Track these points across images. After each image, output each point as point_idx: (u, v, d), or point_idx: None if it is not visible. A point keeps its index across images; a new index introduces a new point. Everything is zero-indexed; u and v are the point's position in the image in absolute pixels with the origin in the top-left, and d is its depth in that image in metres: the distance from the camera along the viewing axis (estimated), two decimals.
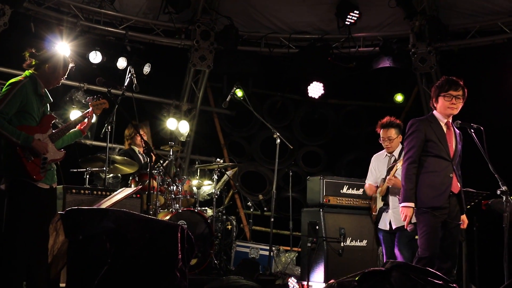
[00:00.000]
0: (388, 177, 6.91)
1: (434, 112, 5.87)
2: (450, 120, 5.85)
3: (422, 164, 5.77)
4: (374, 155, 7.54)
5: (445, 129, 5.80)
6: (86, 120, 5.80)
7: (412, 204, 5.69)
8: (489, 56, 10.00)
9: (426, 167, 5.74)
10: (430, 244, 5.60)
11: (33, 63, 5.44)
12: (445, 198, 5.65)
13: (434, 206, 5.63)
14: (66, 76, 5.67)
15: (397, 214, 6.45)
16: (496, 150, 6.27)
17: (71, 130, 5.72)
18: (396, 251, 6.89)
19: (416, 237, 6.21)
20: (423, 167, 5.76)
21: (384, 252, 7.16)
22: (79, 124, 5.79)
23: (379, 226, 7.22)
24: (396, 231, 6.92)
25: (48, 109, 5.60)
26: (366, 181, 7.55)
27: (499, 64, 9.69)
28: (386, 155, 7.30)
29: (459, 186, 5.76)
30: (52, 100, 5.59)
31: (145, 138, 8.97)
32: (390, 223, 7.00)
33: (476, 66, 9.92)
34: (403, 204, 5.73)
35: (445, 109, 5.77)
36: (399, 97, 11.13)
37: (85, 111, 5.88)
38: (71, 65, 5.65)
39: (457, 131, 5.92)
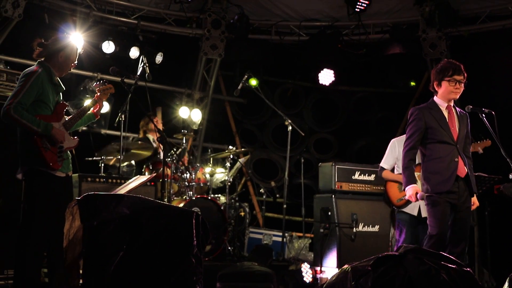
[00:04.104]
0: None
1: (435, 98, 5.86)
2: (452, 104, 5.85)
3: (426, 152, 5.79)
4: (395, 139, 7.11)
5: (446, 114, 5.79)
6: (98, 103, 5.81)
7: (415, 185, 5.73)
8: (500, 40, 9.97)
9: (431, 154, 5.76)
10: (439, 221, 5.62)
11: (45, 52, 5.45)
12: (452, 183, 5.64)
13: (441, 192, 5.64)
14: (76, 63, 5.67)
15: None
16: (508, 135, 6.30)
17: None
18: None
19: None
20: (428, 154, 5.78)
21: (404, 235, 6.94)
22: (92, 108, 5.79)
23: (405, 210, 6.91)
24: (423, 219, 6.82)
25: (61, 98, 5.62)
26: (382, 165, 7.15)
27: (510, 49, 9.67)
28: None
29: (466, 169, 5.73)
30: (64, 89, 5.61)
31: (159, 126, 9.09)
32: (419, 210, 6.92)
33: (486, 51, 9.91)
34: (406, 188, 5.76)
35: (449, 94, 5.75)
36: (412, 83, 11.12)
37: (95, 96, 5.86)
38: (79, 50, 5.67)
39: (461, 113, 5.89)
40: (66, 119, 5.57)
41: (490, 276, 8.14)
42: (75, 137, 5.63)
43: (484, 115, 5.85)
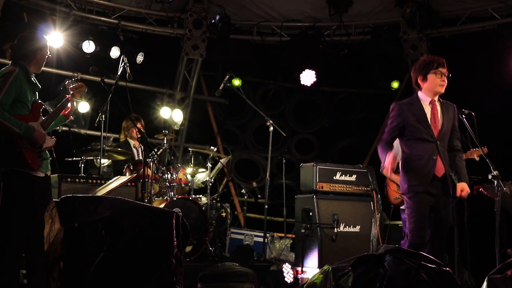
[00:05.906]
0: None
1: (419, 93, 5.76)
2: (436, 98, 5.75)
3: (405, 149, 5.72)
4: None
5: (429, 109, 5.69)
6: (69, 105, 5.74)
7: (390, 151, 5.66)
8: (480, 42, 10.06)
9: (409, 152, 5.69)
10: (419, 230, 5.56)
11: (18, 53, 5.40)
12: (428, 182, 5.57)
13: (418, 192, 5.59)
14: (50, 55, 5.61)
15: None
16: (487, 135, 6.34)
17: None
18: None
19: None
20: (406, 151, 5.71)
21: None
22: (64, 109, 5.73)
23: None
24: None
25: (37, 97, 5.57)
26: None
27: (489, 50, 9.76)
28: None
29: (445, 169, 5.64)
30: (40, 87, 5.56)
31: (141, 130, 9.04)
32: None
33: (466, 52, 9.99)
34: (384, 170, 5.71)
35: (435, 87, 5.66)
36: (395, 84, 11.15)
37: (67, 96, 5.79)
38: (48, 42, 5.62)
39: (448, 105, 5.80)
40: (43, 118, 5.52)
41: (470, 276, 8.18)
42: (53, 137, 5.58)
43: (464, 116, 5.86)
